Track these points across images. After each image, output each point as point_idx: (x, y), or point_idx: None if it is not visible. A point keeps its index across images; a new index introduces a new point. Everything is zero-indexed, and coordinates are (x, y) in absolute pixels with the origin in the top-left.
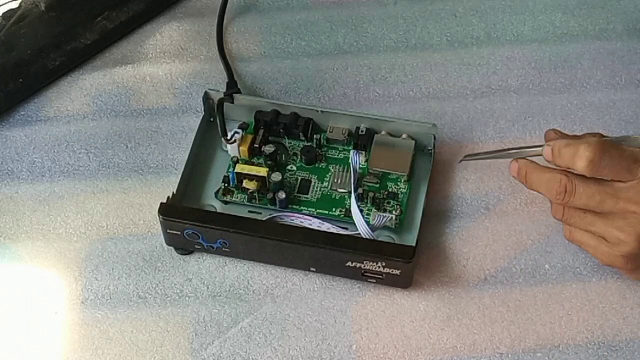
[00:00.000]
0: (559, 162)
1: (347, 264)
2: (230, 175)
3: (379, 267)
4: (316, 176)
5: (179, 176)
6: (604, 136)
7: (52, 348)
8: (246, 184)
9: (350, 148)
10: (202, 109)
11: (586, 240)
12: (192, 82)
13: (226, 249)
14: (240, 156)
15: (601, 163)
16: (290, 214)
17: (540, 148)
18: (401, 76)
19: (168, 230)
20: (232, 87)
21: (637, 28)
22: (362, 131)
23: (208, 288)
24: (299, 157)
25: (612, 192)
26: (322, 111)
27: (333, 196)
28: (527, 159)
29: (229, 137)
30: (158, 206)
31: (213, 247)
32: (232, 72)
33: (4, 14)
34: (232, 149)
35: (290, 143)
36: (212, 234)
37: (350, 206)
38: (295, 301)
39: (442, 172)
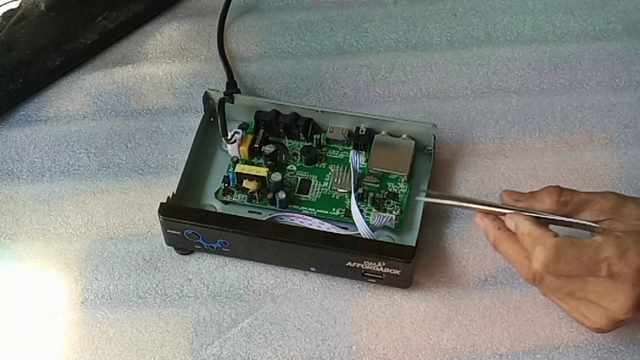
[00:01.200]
0: (522, 244)
1: (347, 264)
2: (230, 175)
3: (379, 267)
4: (316, 176)
5: (179, 176)
6: (562, 192)
7: (52, 348)
8: (246, 184)
9: (350, 148)
10: (202, 109)
11: (559, 304)
12: (192, 82)
13: (226, 249)
14: (240, 156)
15: (556, 268)
16: (290, 214)
17: (504, 211)
18: (401, 76)
19: (168, 230)
20: (232, 87)
21: (637, 28)
22: (362, 131)
23: (208, 288)
24: (299, 157)
25: (581, 286)
26: (322, 111)
27: (333, 196)
28: (493, 219)
29: (229, 137)
30: (158, 206)
31: (213, 247)
32: (232, 72)
33: (4, 14)
34: (232, 149)
35: (290, 143)
36: (212, 234)
37: (350, 206)
38: (295, 301)
39: (442, 172)
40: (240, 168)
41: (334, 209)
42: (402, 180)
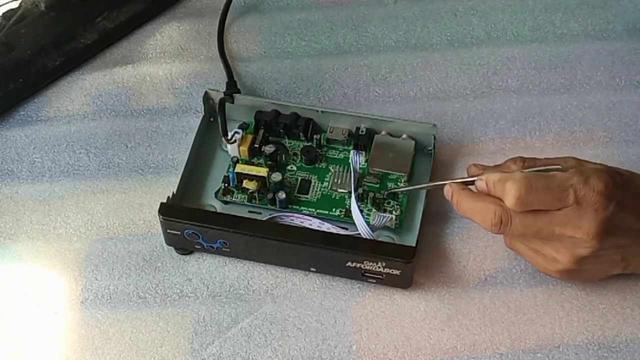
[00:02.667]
0: (493, 195)
1: (347, 264)
2: (231, 175)
3: (379, 267)
4: (316, 176)
5: (179, 176)
6: (525, 160)
7: (52, 348)
8: (246, 184)
9: (350, 148)
10: (202, 109)
11: (524, 251)
12: (192, 82)
13: (226, 249)
14: (240, 156)
15: (528, 199)
16: (290, 214)
17: (469, 179)
18: (401, 76)
19: (168, 230)
20: (232, 87)
21: (637, 28)
22: (362, 131)
23: (208, 288)
24: (299, 157)
25: (547, 221)
26: (322, 111)
27: (333, 196)
28: (460, 185)
29: (229, 137)
30: (158, 206)
31: (213, 247)
32: (232, 72)
33: (4, 14)
34: (232, 149)
35: (291, 143)
36: (212, 234)
37: (350, 206)
38: (295, 301)
39: (442, 172)
40: (240, 168)
41: (334, 209)
42: (402, 181)
